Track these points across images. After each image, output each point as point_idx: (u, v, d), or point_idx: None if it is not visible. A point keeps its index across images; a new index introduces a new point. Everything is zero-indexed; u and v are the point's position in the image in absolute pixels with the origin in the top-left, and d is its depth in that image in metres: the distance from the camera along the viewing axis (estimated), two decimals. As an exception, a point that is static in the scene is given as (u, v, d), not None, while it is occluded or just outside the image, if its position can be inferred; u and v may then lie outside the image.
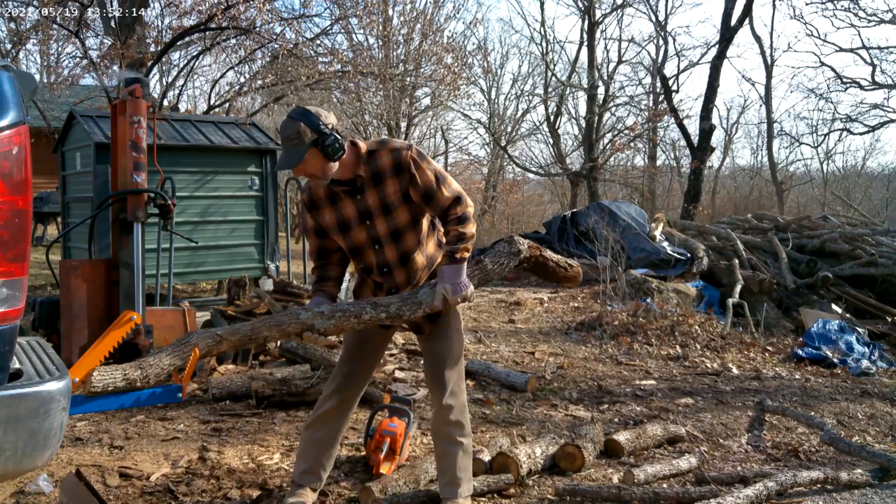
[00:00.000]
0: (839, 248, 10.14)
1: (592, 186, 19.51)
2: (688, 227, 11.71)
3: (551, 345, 6.45)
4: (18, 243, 1.75)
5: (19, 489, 3.08)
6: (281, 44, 10.40)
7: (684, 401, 4.85)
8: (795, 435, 4.26)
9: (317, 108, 2.61)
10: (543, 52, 21.31)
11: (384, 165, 2.66)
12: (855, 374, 6.06)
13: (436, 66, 12.97)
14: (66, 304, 4.78)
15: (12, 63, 8.47)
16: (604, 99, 20.57)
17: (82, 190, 7.56)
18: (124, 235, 4.85)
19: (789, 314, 8.68)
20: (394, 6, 13.76)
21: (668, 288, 8.34)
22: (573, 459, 3.47)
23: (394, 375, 5.06)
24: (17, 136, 1.74)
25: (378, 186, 2.67)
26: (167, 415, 4.19)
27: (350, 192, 2.71)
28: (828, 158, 26.92)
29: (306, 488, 2.93)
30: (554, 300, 8.47)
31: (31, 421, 1.75)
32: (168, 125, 7.73)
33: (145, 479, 3.27)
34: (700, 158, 15.90)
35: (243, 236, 7.98)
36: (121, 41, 10.12)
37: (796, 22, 57.93)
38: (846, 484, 3.41)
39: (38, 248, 10.38)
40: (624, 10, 21.31)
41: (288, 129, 2.55)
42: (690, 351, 6.40)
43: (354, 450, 3.71)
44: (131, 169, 4.77)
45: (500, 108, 24.01)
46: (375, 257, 2.78)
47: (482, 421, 4.27)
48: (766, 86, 24.56)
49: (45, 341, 2.26)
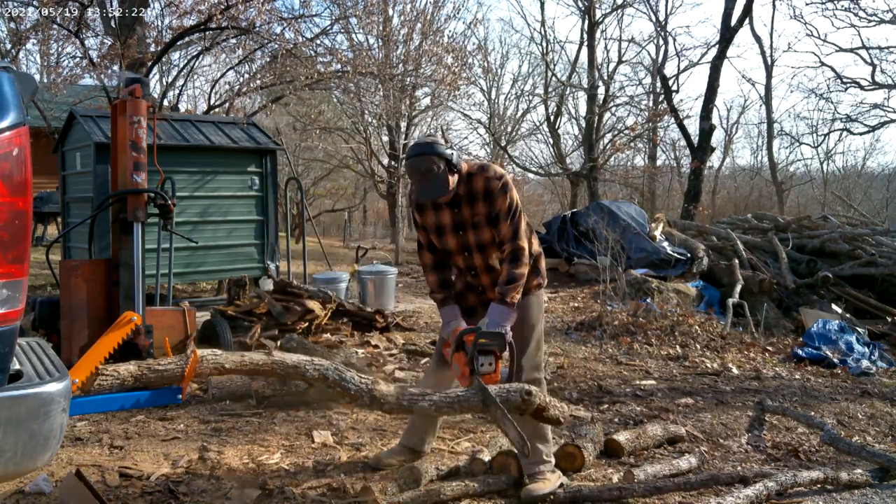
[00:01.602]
0: (839, 248, 10.14)
1: (592, 186, 19.51)
2: (688, 227, 11.71)
3: (551, 345, 6.45)
4: (18, 244, 1.74)
5: (19, 489, 3.08)
6: (280, 44, 10.40)
7: (684, 401, 4.85)
8: (795, 435, 4.26)
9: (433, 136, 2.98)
10: (543, 52, 21.33)
11: (478, 189, 3.02)
12: (855, 374, 6.06)
13: (436, 66, 12.97)
14: (66, 304, 4.77)
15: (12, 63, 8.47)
16: (604, 99, 20.57)
17: (82, 190, 7.55)
18: (124, 235, 4.84)
19: (789, 314, 8.68)
20: (394, 6, 13.78)
21: (668, 288, 8.34)
22: (573, 459, 3.47)
23: (394, 375, 5.06)
24: (18, 137, 1.74)
25: (471, 205, 3.04)
26: (167, 415, 4.19)
27: (450, 205, 3.08)
28: (828, 158, 26.98)
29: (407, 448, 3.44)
30: (554, 300, 8.47)
31: (31, 422, 1.74)
32: (168, 125, 7.73)
33: (145, 479, 3.26)
34: (700, 158, 15.90)
35: (243, 236, 7.98)
36: (121, 41, 10.12)
37: (796, 22, 58.07)
38: (846, 484, 3.41)
39: (38, 248, 10.37)
40: (624, 10, 21.36)
41: (424, 165, 2.90)
42: (690, 351, 6.40)
43: (354, 450, 3.71)
44: (131, 169, 4.76)
45: (500, 108, 24.05)
46: (464, 262, 3.18)
47: (482, 421, 4.26)
48: (766, 86, 24.60)
49: (45, 342, 2.26)
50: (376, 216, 26.07)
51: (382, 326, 6.54)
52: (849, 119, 22.91)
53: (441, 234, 3.14)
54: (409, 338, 6.28)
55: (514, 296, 2.97)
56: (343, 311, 6.52)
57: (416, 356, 5.57)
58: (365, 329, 6.47)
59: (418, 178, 2.95)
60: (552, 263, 10.72)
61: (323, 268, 10.08)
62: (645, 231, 10.11)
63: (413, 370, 5.26)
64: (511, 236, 3.00)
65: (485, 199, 3.01)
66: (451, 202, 3.06)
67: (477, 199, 3.02)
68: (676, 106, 18.29)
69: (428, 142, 2.95)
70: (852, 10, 18.62)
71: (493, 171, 3.04)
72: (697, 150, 16.08)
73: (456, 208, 3.07)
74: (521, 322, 3.13)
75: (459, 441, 3.89)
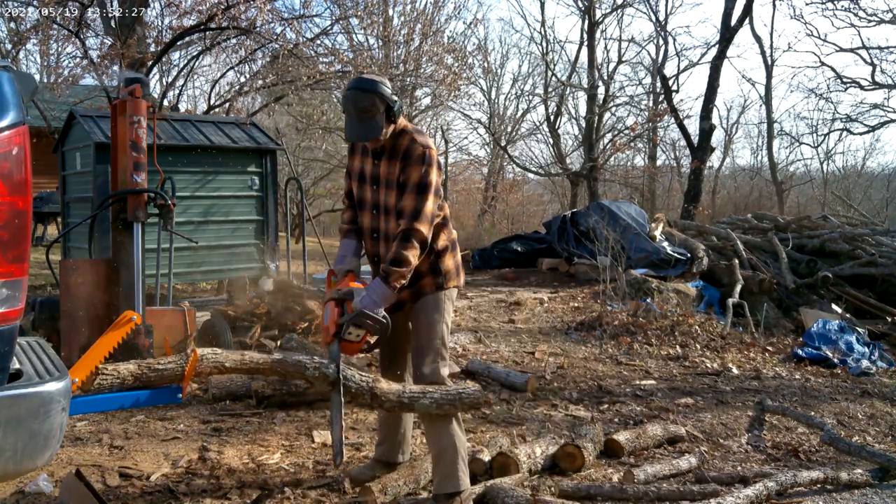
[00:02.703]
0: (839, 248, 10.13)
1: (592, 186, 19.49)
2: (688, 227, 11.70)
3: (551, 345, 6.45)
4: (18, 244, 1.74)
5: (19, 489, 3.08)
6: (281, 44, 10.40)
7: (684, 401, 4.85)
8: (795, 435, 4.26)
9: (380, 76, 2.79)
10: (543, 52, 21.30)
11: (401, 146, 2.85)
12: (855, 374, 6.06)
13: (436, 66, 12.96)
14: (66, 304, 4.78)
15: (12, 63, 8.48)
16: (604, 99, 20.55)
17: (82, 190, 7.55)
18: (124, 235, 4.84)
19: (789, 314, 8.68)
20: (394, 6, 13.78)
21: (668, 288, 8.34)
22: (573, 459, 3.47)
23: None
24: (17, 136, 1.74)
25: (390, 161, 2.87)
26: (167, 415, 4.19)
27: (374, 155, 2.92)
28: (828, 158, 26.95)
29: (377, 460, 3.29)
30: (554, 300, 8.47)
31: (31, 422, 1.74)
32: (168, 125, 7.72)
33: (145, 479, 3.27)
34: (700, 158, 15.90)
35: (243, 236, 7.97)
36: (121, 41, 10.11)
37: (796, 22, 58.03)
38: (846, 484, 3.41)
39: (38, 248, 10.37)
40: (624, 10, 21.30)
41: (363, 101, 2.73)
42: (690, 351, 6.40)
43: (354, 450, 3.71)
44: (131, 169, 4.77)
45: (500, 108, 24.05)
46: (370, 221, 2.98)
47: (482, 421, 4.27)
48: (766, 86, 24.55)
49: (45, 341, 2.26)
50: (376, 216, 25.95)
51: (382, 326, 6.53)
52: (849, 119, 22.90)
53: (360, 184, 2.99)
54: (409, 338, 6.28)
55: (398, 280, 2.75)
56: (343, 311, 6.51)
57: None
58: (365, 329, 6.46)
59: (354, 114, 2.77)
60: (552, 263, 10.72)
61: (323, 268, 10.08)
62: (645, 231, 10.11)
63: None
64: (411, 214, 2.77)
65: (402, 159, 2.83)
66: (376, 153, 2.91)
67: (396, 157, 2.85)
68: (676, 106, 18.27)
69: (374, 79, 2.77)
70: (852, 10, 18.61)
71: (424, 139, 2.86)
72: (697, 150, 16.07)
73: (377, 160, 2.91)
74: (417, 322, 2.98)
75: (459, 441, 3.88)
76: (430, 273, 2.96)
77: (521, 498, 2.94)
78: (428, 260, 2.94)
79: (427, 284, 2.97)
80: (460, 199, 23.36)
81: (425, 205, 2.78)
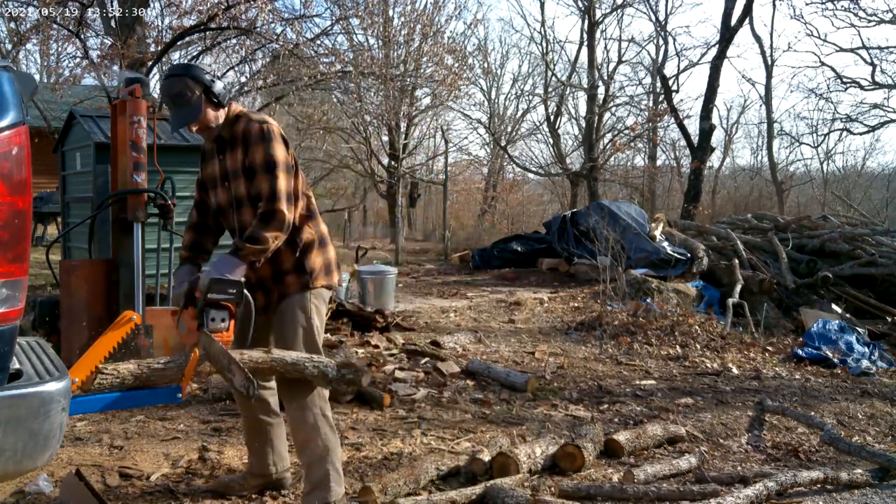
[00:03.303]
0: (839, 248, 10.14)
1: (592, 186, 19.49)
2: (688, 227, 11.71)
3: (551, 345, 6.45)
4: (18, 244, 1.74)
5: (19, 489, 3.08)
6: (281, 44, 10.40)
7: (684, 401, 4.85)
8: (795, 435, 4.26)
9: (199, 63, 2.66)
10: (543, 52, 21.32)
11: (237, 132, 2.71)
12: (855, 374, 6.06)
13: (436, 66, 12.97)
14: (66, 304, 4.78)
15: (12, 63, 8.47)
16: (604, 99, 20.56)
17: (82, 190, 7.54)
18: (124, 235, 4.85)
19: (789, 314, 8.68)
20: (394, 7, 13.78)
21: (668, 288, 8.34)
22: (573, 459, 3.47)
23: (394, 375, 5.06)
24: (17, 136, 1.74)
25: (232, 150, 2.72)
26: (167, 415, 4.19)
27: (217, 152, 2.78)
28: (828, 158, 26.94)
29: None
30: (554, 300, 8.47)
31: (31, 421, 1.74)
32: (168, 125, 7.72)
33: (145, 479, 3.27)
34: (700, 158, 15.90)
35: (243, 236, 7.97)
36: (121, 41, 10.11)
37: (796, 22, 58.03)
38: (846, 484, 3.41)
39: (38, 248, 10.37)
40: (624, 10, 21.32)
41: (176, 87, 2.60)
42: (690, 351, 6.40)
43: (354, 449, 3.71)
44: (131, 169, 4.77)
45: (500, 108, 24.08)
46: (237, 219, 2.76)
47: (482, 421, 4.27)
48: (766, 86, 24.56)
49: (45, 341, 2.26)
50: (376, 216, 26.04)
51: (382, 326, 6.54)
52: (849, 119, 22.90)
53: (214, 188, 2.80)
54: (408, 338, 6.28)
55: (248, 257, 2.54)
56: (343, 311, 6.51)
57: (416, 356, 5.56)
58: (365, 329, 6.47)
59: (169, 101, 2.63)
60: (552, 263, 10.73)
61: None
62: (645, 231, 10.11)
63: (413, 370, 5.26)
64: (268, 195, 2.56)
65: (242, 143, 2.67)
66: (220, 147, 2.76)
67: (237, 144, 2.69)
68: (676, 106, 18.28)
69: (186, 64, 2.69)
70: (852, 10, 18.61)
71: (260, 116, 2.70)
72: (697, 150, 16.08)
73: (222, 154, 2.76)
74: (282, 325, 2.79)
75: (459, 441, 3.89)
76: (294, 271, 2.77)
77: (521, 498, 2.94)
78: (292, 257, 2.76)
79: (292, 283, 2.78)
80: (460, 199, 23.38)
81: (277, 183, 2.58)
